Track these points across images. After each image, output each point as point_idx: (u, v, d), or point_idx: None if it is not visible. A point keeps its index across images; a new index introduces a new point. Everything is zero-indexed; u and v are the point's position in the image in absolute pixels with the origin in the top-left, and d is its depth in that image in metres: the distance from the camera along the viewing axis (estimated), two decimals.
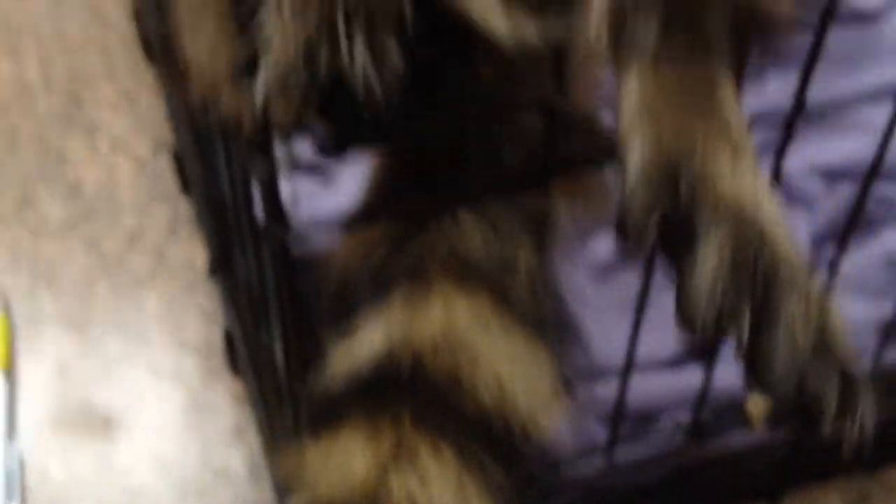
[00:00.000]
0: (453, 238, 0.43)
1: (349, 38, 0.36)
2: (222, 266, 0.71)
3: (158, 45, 0.70)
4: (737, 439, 0.68)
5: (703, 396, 0.64)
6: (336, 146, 0.39)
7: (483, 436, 0.38)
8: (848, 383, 0.31)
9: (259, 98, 0.36)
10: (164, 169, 0.86)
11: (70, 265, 0.79)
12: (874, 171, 0.55)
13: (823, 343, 0.30)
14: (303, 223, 0.65)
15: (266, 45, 0.35)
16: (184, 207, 0.84)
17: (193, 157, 0.71)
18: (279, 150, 0.40)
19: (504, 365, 0.40)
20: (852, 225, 0.52)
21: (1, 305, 0.75)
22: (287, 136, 0.41)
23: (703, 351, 0.29)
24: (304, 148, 0.65)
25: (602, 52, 0.35)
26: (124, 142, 0.89)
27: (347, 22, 0.36)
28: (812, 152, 0.80)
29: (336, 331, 0.44)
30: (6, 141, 0.87)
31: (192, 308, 0.79)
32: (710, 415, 0.67)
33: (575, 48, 0.36)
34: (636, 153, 0.32)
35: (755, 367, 0.30)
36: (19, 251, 0.80)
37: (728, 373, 0.70)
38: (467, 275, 0.42)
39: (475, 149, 0.46)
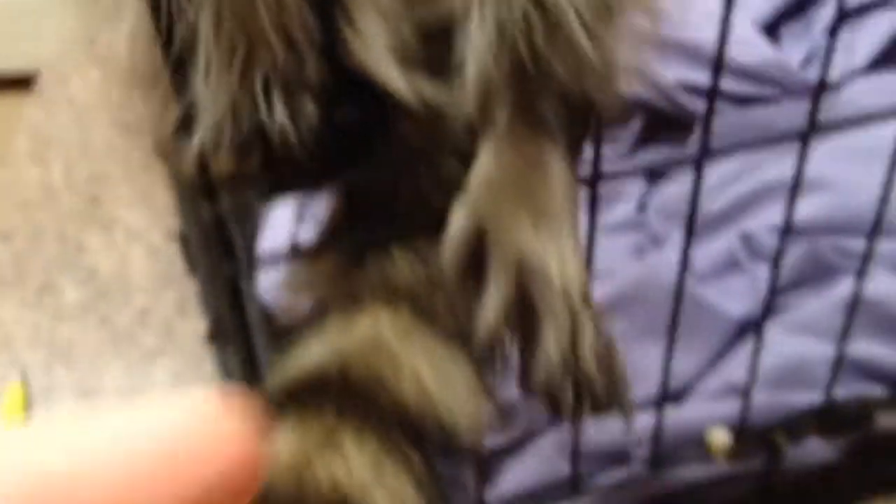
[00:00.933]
0: (385, 270, 0.49)
1: (267, 97, 0.43)
2: (218, 332, 0.77)
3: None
4: (699, 472, 0.71)
5: (658, 430, 0.68)
6: (267, 193, 0.46)
7: (403, 425, 0.43)
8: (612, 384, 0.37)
9: (195, 152, 0.43)
10: (175, 256, 0.94)
11: (84, 341, 0.86)
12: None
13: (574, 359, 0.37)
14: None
15: (197, 105, 0.42)
16: (192, 288, 0.91)
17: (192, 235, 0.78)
18: (226, 197, 0.47)
19: (424, 368, 0.45)
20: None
21: (20, 377, 0.82)
22: (235, 185, 0.47)
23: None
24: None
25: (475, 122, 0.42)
26: (139, 233, 0.97)
27: (265, 83, 0.43)
28: (775, 215, 0.85)
29: (279, 354, 0.50)
30: (31, 235, 0.96)
31: (198, 379, 0.85)
32: (672, 448, 0.71)
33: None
34: (459, 219, 0.39)
35: (526, 373, 0.37)
36: (39, 331, 0.87)
37: (691, 407, 0.75)
38: (395, 297, 0.48)
39: (404, 192, 0.52)
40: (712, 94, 0.52)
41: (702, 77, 0.93)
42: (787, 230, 0.61)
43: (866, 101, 0.91)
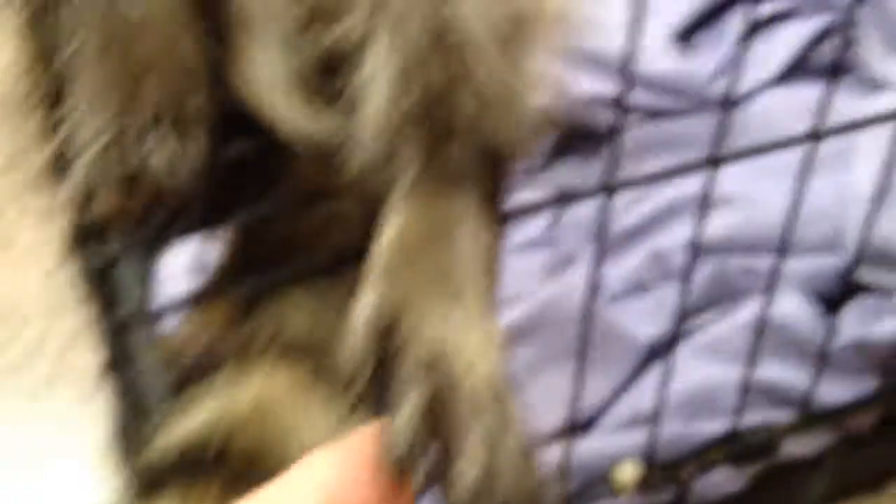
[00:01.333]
0: (282, 317, 0.47)
1: (153, 132, 0.40)
2: (113, 368, 0.74)
3: None
4: None
5: (566, 467, 0.67)
6: (155, 235, 0.43)
7: None
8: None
9: (72, 192, 0.40)
10: (70, 280, 0.90)
11: None
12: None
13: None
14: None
15: (75, 140, 0.39)
16: (85, 318, 0.87)
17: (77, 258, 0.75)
18: (110, 240, 0.44)
19: (318, 434, 0.43)
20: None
21: None
22: (119, 226, 0.45)
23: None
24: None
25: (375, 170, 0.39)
26: (32, 255, 0.93)
27: (153, 118, 0.40)
28: (685, 232, 0.85)
29: (168, 409, 0.48)
30: None
31: (94, 411, 0.81)
32: (581, 483, 0.70)
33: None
34: (367, 299, 0.37)
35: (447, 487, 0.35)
36: None
37: (599, 439, 0.74)
38: (291, 349, 0.46)
39: (301, 233, 0.50)
40: (615, 129, 0.51)
41: (611, 88, 0.92)
42: (696, 253, 0.61)
43: (777, 113, 0.91)
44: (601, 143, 0.93)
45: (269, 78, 0.40)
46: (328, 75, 0.40)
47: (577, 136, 0.94)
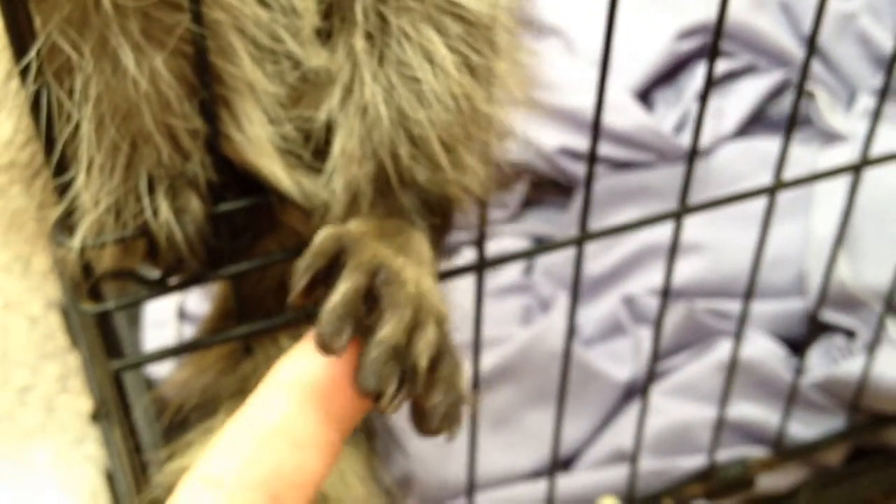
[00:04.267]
0: (269, 361, 0.49)
1: (152, 196, 0.43)
2: (104, 412, 0.75)
3: None
4: None
5: (551, 501, 0.70)
6: (158, 286, 0.45)
7: None
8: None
9: (77, 249, 0.42)
10: (56, 327, 0.91)
11: None
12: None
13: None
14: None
15: (79, 203, 0.42)
16: (73, 362, 0.88)
17: (75, 310, 0.77)
18: (112, 294, 0.46)
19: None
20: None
21: None
22: (117, 280, 0.47)
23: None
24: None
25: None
26: (18, 303, 0.94)
27: (150, 181, 0.43)
28: (655, 276, 0.88)
29: (170, 448, 0.50)
30: None
31: (81, 458, 0.83)
32: None
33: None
34: (321, 234, 0.40)
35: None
36: None
37: (581, 476, 0.76)
38: None
39: (287, 281, 0.53)
40: (585, 181, 0.54)
41: (580, 142, 0.96)
42: (666, 297, 0.64)
43: (737, 165, 0.95)
44: (571, 191, 0.97)
45: (257, 144, 0.43)
46: (308, 143, 0.44)
47: (546, 186, 0.98)
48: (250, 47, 0.42)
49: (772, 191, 0.61)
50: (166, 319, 0.82)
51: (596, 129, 0.52)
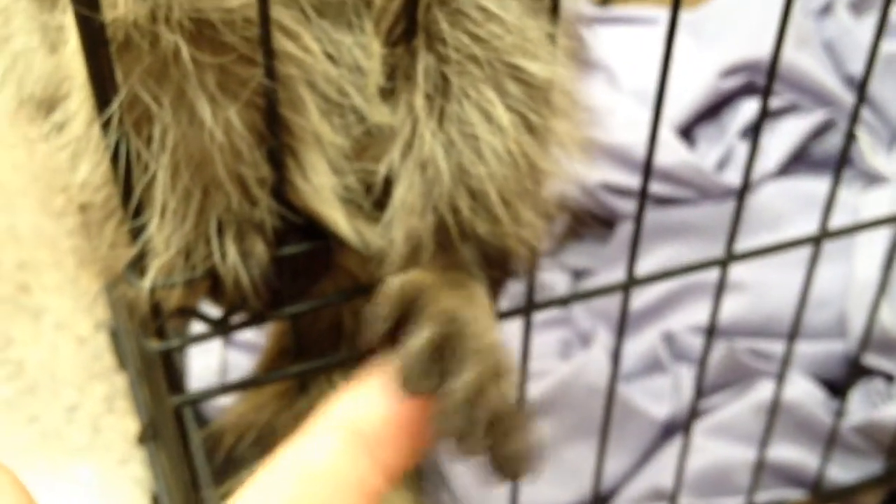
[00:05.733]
0: (322, 400, 0.51)
1: (220, 239, 0.44)
2: (151, 435, 0.77)
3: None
4: None
5: None
6: (221, 325, 0.47)
7: None
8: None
9: (147, 289, 0.44)
10: (103, 347, 0.93)
11: (11, 439, 0.85)
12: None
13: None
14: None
15: (151, 245, 0.43)
16: (121, 383, 0.90)
17: (127, 334, 0.78)
18: (174, 331, 0.48)
19: None
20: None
21: None
22: (181, 318, 0.49)
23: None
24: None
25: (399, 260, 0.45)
26: (66, 323, 0.96)
27: (219, 228, 0.44)
28: (698, 315, 0.89)
29: (228, 484, 0.51)
30: None
31: (125, 479, 0.84)
32: None
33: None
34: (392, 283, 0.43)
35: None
36: None
37: None
38: None
39: (346, 323, 0.55)
40: (637, 230, 0.55)
41: (622, 177, 0.97)
42: (710, 341, 0.64)
43: (779, 204, 0.96)
44: (610, 225, 0.98)
45: (320, 193, 0.45)
46: (369, 194, 0.45)
47: (587, 220, 0.99)
48: (319, 101, 0.43)
49: (817, 240, 0.62)
50: (212, 345, 0.84)
51: (646, 178, 0.53)
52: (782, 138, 1.00)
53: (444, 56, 0.43)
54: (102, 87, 0.40)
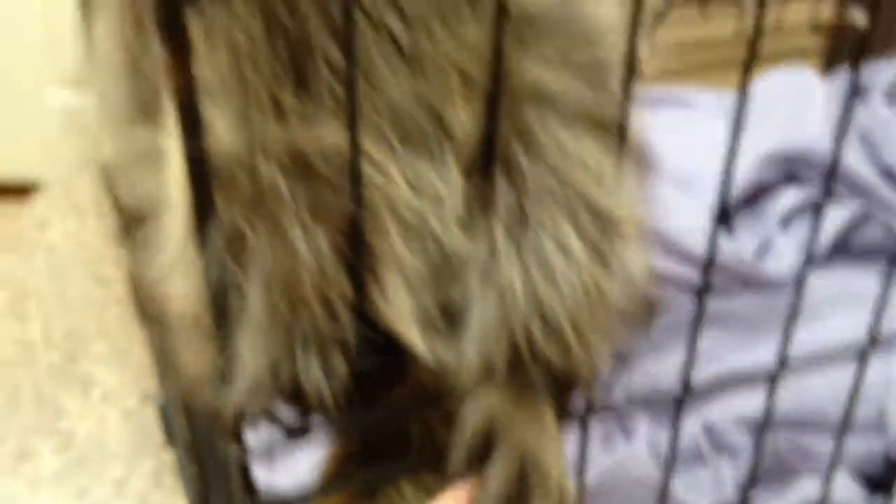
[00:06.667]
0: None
1: (305, 356, 0.46)
2: None
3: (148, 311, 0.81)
4: None
5: None
6: (298, 432, 0.49)
7: None
8: None
9: (233, 400, 0.46)
10: (151, 420, 0.95)
11: None
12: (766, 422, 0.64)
13: None
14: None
15: (239, 358, 0.45)
16: (168, 458, 0.92)
17: (177, 411, 0.80)
18: (251, 437, 0.50)
19: None
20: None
21: None
22: (262, 421, 0.51)
23: None
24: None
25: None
26: (115, 394, 0.98)
27: (304, 344, 0.46)
28: (738, 406, 0.90)
29: None
30: (8, 396, 0.97)
31: None
32: None
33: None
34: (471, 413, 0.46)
35: None
36: (16, 501, 0.87)
37: None
38: None
39: (414, 432, 0.56)
40: (693, 341, 0.57)
41: (661, 263, 0.98)
42: (761, 442, 0.65)
43: (819, 294, 0.97)
44: (653, 312, 0.99)
45: (399, 312, 0.47)
46: (445, 316, 0.47)
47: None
48: (400, 227, 0.46)
49: (863, 353, 0.63)
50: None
51: (706, 276, 0.55)
52: (824, 227, 1.01)
53: (522, 188, 0.45)
54: (202, 213, 0.42)
